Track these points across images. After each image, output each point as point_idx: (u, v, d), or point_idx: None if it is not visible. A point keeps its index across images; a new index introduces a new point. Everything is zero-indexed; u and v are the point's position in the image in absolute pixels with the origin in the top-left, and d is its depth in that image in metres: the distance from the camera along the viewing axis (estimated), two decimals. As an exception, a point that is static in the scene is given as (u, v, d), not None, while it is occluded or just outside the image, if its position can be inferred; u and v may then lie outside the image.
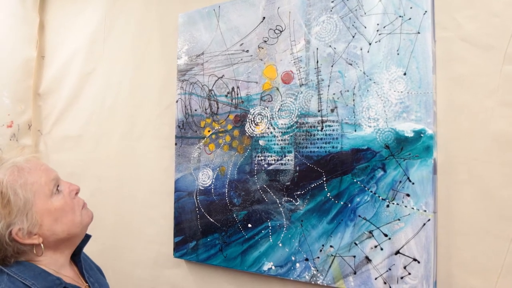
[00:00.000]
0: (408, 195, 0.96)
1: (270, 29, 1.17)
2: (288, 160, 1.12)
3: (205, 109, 1.28)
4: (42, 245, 0.83)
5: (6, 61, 1.68)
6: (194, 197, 1.29)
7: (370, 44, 1.02)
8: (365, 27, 1.03)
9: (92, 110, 1.63)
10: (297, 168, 1.11)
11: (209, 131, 1.27)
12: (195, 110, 1.30)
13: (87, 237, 0.97)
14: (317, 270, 1.07)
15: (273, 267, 1.14)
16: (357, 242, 1.02)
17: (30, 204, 0.81)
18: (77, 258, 0.96)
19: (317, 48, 1.09)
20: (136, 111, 1.50)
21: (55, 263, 0.87)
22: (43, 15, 1.79)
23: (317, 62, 1.09)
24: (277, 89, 1.15)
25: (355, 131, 1.03)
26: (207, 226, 1.26)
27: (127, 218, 1.52)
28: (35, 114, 1.78)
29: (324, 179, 1.07)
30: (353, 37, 1.04)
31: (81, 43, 1.66)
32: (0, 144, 1.67)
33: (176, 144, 1.33)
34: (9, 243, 0.80)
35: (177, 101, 1.34)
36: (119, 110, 1.55)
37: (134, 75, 1.51)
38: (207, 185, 1.26)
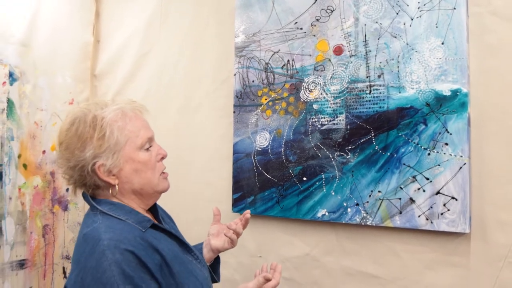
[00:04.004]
0: (446, 144, 1.15)
1: (322, 9, 1.35)
2: (340, 120, 1.31)
3: (262, 80, 1.46)
4: (117, 186, 0.92)
5: (68, 44, 1.86)
6: (252, 157, 1.47)
7: (412, 19, 1.21)
8: (408, 5, 1.22)
9: (149, 88, 1.80)
10: (348, 127, 1.30)
11: (266, 99, 1.45)
12: (253, 82, 1.48)
13: None
14: (367, 213, 1.26)
15: (326, 213, 1.33)
16: (402, 187, 1.21)
17: (120, 147, 0.90)
18: (153, 207, 1.05)
19: (365, 24, 1.28)
20: (193, 87, 1.68)
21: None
22: (98, 3, 1.96)
23: (365, 36, 1.28)
24: (329, 60, 1.33)
25: (400, 92, 1.22)
26: (264, 182, 1.44)
27: (185, 184, 1.67)
28: (92, 93, 1.96)
29: (373, 134, 1.25)
30: (397, 14, 1.23)
31: (137, 27, 1.83)
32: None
33: (234, 112, 1.52)
34: (89, 173, 0.89)
35: (235, 74, 1.52)
36: (176, 87, 1.72)
37: (190, 55, 1.68)
38: (264, 146, 1.45)
